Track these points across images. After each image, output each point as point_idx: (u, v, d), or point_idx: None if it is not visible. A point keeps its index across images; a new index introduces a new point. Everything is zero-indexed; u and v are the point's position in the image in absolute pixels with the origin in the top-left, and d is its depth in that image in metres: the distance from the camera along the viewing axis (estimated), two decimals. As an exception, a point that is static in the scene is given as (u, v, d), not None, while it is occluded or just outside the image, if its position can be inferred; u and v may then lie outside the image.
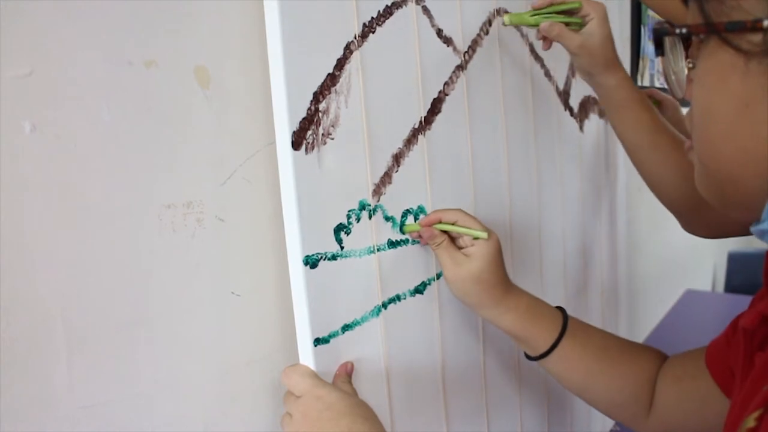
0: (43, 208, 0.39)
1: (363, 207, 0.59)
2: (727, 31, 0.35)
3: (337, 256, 0.56)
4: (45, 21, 0.39)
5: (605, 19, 0.74)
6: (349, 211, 0.57)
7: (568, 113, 0.99)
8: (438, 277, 0.69)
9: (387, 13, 0.60)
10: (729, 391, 0.53)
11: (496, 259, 0.61)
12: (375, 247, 0.61)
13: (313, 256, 0.53)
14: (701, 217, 0.78)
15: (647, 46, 1.54)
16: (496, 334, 0.65)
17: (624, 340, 0.67)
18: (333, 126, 0.55)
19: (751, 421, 0.36)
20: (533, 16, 0.74)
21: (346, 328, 0.57)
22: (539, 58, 0.89)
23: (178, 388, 0.48)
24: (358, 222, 0.58)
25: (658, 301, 1.82)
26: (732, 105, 0.36)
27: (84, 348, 0.42)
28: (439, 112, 0.68)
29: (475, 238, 0.61)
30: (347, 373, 0.57)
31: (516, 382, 0.85)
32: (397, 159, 0.63)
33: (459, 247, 0.63)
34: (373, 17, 0.59)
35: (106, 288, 0.43)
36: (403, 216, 0.64)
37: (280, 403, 0.55)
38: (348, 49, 0.56)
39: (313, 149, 0.53)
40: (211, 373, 0.51)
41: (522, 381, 0.86)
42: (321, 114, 0.54)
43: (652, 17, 1.54)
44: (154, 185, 0.46)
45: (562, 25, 0.73)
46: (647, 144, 0.78)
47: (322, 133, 0.54)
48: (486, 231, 0.60)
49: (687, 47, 0.40)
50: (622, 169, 1.23)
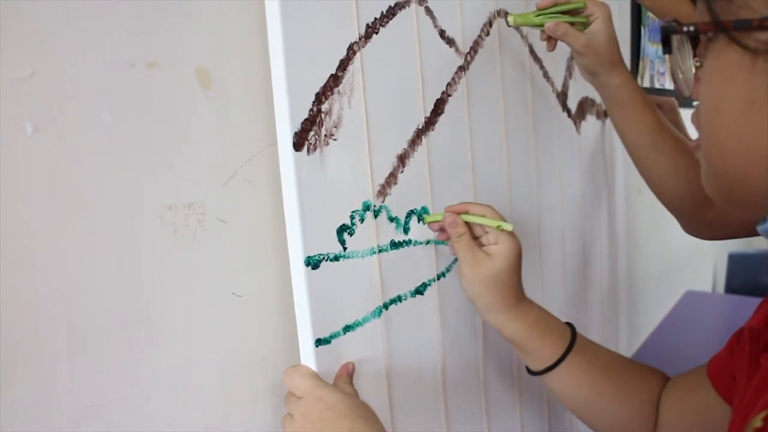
0: (45, 209, 0.39)
1: (367, 208, 0.59)
2: (734, 30, 0.35)
3: (340, 257, 0.56)
4: (47, 23, 0.39)
5: (609, 18, 0.74)
6: (352, 212, 0.57)
7: (565, 114, 1.00)
8: (438, 278, 0.69)
9: (390, 14, 0.60)
10: (732, 401, 0.53)
11: (516, 263, 0.61)
12: (377, 248, 0.60)
13: (314, 257, 0.53)
14: (702, 219, 0.78)
15: (647, 48, 1.54)
16: (496, 335, 0.64)
17: (629, 360, 0.66)
18: (336, 127, 0.55)
19: (758, 422, 0.36)
20: (538, 16, 0.74)
21: (348, 328, 0.57)
22: (538, 59, 0.89)
23: (179, 389, 0.48)
24: (362, 223, 0.58)
25: (658, 302, 1.82)
26: (738, 103, 0.37)
27: (85, 348, 0.42)
28: (442, 112, 0.68)
29: (500, 229, 0.59)
30: (348, 373, 0.56)
31: (516, 383, 0.85)
32: (402, 159, 0.63)
33: (483, 247, 0.62)
34: (376, 18, 0.59)
35: (107, 288, 0.43)
36: (407, 217, 0.64)
37: (281, 404, 0.54)
38: (351, 50, 0.56)
39: (315, 150, 0.53)
40: (212, 373, 0.51)
41: (522, 382, 0.86)
42: (323, 115, 0.54)
43: (652, 18, 1.54)
44: (155, 186, 0.46)
45: (567, 24, 0.73)
46: (649, 144, 0.78)
47: (325, 134, 0.54)
48: (512, 224, 0.60)
49: (695, 46, 0.40)
50: (621, 170, 1.23)
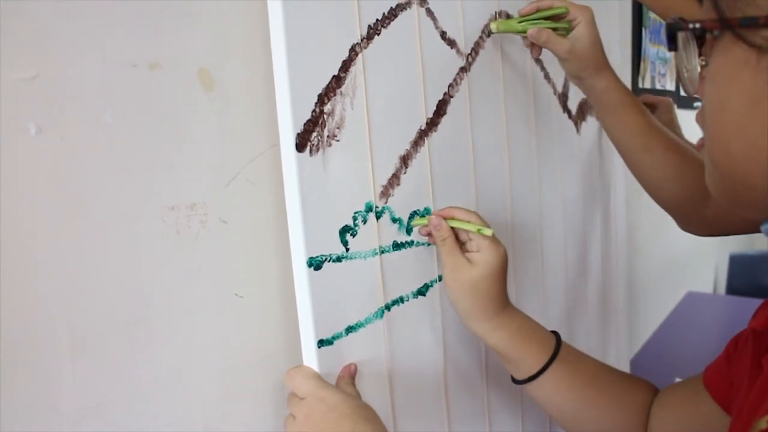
0: (47, 209, 0.40)
1: (369, 209, 0.59)
2: (741, 27, 0.35)
3: (342, 258, 0.56)
4: (50, 24, 0.39)
5: (592, 22, 0.73)
6: (355, 213, 0.57)
7: (566, 115, 1.00)
8: (441, 279, 0.69)
9: (391, 15, 0.60)
10: (731, 408, 0.53)
11: (498, 272, 0.59)
12: (380, 249, 0.60)
13: (317, 258, 0.53)
14: (698, 216, 0.78)
15: (648, 49, 1.54)
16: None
17: (616, 370, 0.65)
18: (338, 128, 0.55)
19: (763, 423, 0.36)
20: (520, 22, 0.74)
21: (350, 329, 0.57)
22: (539, 60, 0.89)
23: (180, 389, 0.48)
24: (364, 224, 0.58)
25: (659, 303, 1.82)
26: (743, 101, 0.36)
27: (86, 349, 0.42)
28: (445, 113, 0.68)
29: (479, 233, 0.59)
30: (350, 374, 0.56)
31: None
32: (405, 160, 0.63)
33: (466, 252, 0.61)
34: (377, 19, 0.59)
35: (109, 289, 0.43)
36: (410, 217, 0.64)
37: (283, 405, 0.54)
38: (353, 51, 0.56)
39: (317, 151, 0.53)
40: (213, 374, 0.51)
41: (524, 383, 0.86)
42: (326, 116, 0.54)
43: (653, 20, 1.54)
44: (157, 187, 0.46)
45: (550, 30, 0.73)
46: (639, 146, 0.77)
47: (327, 135, 0.54)
48: (492, 230, 0.59)
49: (700, 44, 0.39)
50: (621, 170, 1.23)
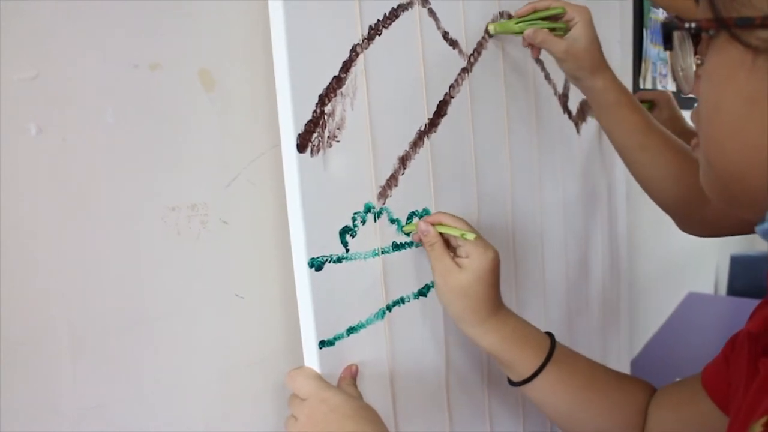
0: (48, 210, 0.39)
1: (368, 209, 0.59)
2: (736, 27, 0.35)
3: (342, 259, 0.56)
4: (51, 24, 0.39)
5: (590, 22, 0.73)
6: (354, 213, 0.57)
7: (566, 116, 0.99)
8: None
9: (393, 16, 0.60)
10: (729, 410, 0.52)
11: (489, 276, 0.59)
12: (380, 250, 0.60)
13: (318, 258, 0.53)
14: (696, 217, 0.78)
15: (649, 49, 1.54)
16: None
17: (612, 371, 0.64)
18: (339, 128, 0.55)
19: (758, 427, 0.36)
20: (518, 23, 0.74)
21: (351, 330, 0.57)
22: (540, 60, 0.89)
23: (181, 390, 0.48)
24: (364, 224, 0.58)
25: (660, 304, 1.82)
26: (738, 102, 0.36)
27: (87, 349, 0.42)
28: (445, 114, 0.68)
29: (463, 237, 0.58)
30: (352, 375, 0.56)
31: (519, 385, 0.85)
32: (403, 161, 0.63)
33: (457, 257, 0.60)
34: (379, 19, 0.59)
35: (109, 289, 0.43)
36: (408, 219, 0.64)
37: (284, 405, 0.54)
38: (354, 52, 0.56)
39: (318, 152, 0.53)
40: (213, 374, 0.51)
41: (525, 384, 0.85)
42: (326, 116, 0.54)
43: (654, 20, 1.54)
44: (158, 187, 0.46)
45: (546, 30, 0.73)
46: (637, 145, 0.77)
47: (328, 136, 0.54)
48: (475, 233, 0.59)
49: (696, 43, 0.39)
50: (622, 171, 1.23)
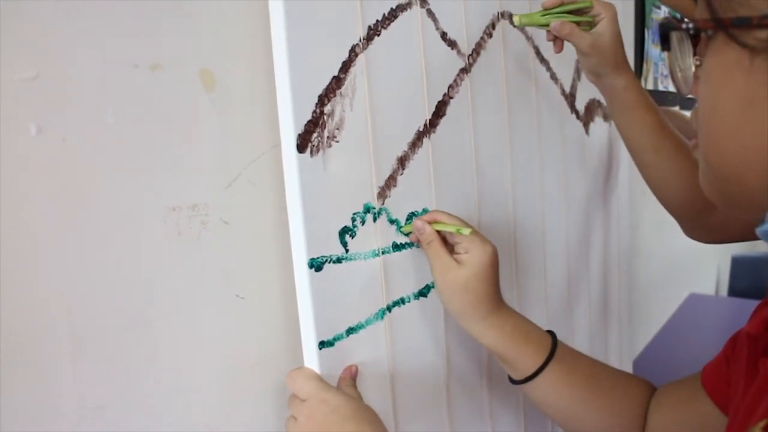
0: (48, 210, 0.39)
1: (368, 210, 0.59)
2: (734, 27, 0.35)
3: (342, 259, 0.56)
4: (51, 24, 0.39)
5: (615, 19, 0.73)
6: (354, 213, 0.57)
7: (574, 116, 0.99)
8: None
9: (392, 16, 0.60)
10: (728, 410, 0.52)
11: (489, 272, 0.59)
12: (380, 250, 0.60)
13: (318, 259, 0.53)
14: (703, 223, 0.78)
15: (651, 50, 1.54)
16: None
17: (614, 369, 0.64)
18: (338, 129, 0.55)
19: (757, 430, 0.36)
20: (543, 15, 0.74)
21: (351, 331, 0.57)
22: (545, 60, 0.89)
23: (182, 390, 0.48)
24: (363, 225, 0.58)
25: (662, 304, 1.82)
26: (736, 102, 0.36)
27: (87, 349, 0.42)
28: (444, 115, 0.68)
29: (458, 232, 0.58)
30: (352, 376, 0.56)
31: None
32: (402, 162, 0.63)
33: (455, 254, 0.60)
34: (378, 20, 0.59)
35: (110, 290, 0.43)
36: (407, 219, 0.64)
37: (284, 406, 0.54)
38: (353, 52, 0.56)
39: (318, 152, 0.53)
40: (214, 375, 0.51)
41: (526, 384, 0.85)
42: (326, 117, 0.54)
43: (655, 20, 1.54)
44: (158, 188, 0.46)
45: (573, 24, 0.72)
46: (652, 147, 0.77)
47: (327, 136, 0.54)
48: (470, 228, 0.58)
49: (695, 44, 0.39)
50: (625, 172, 1.23)
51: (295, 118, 0.51)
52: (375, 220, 0.60)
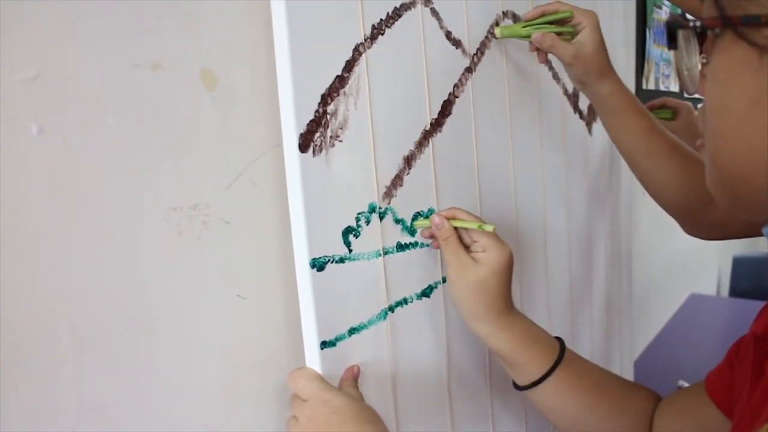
0: (49, 210, 0.39)
1: (372, 209, 0.59)
2: (742, 25, 0.35)
3: (345, 259, 0.56)
4: (52, 24, 0.39)
5: (597, 26, 0.73)
6: (358, 213, 0.57)
7: (577, 116, 0.99)
8: (445, 280, 0.68)
9: (396, 15, 0.60)
10: (733, 413, 0.52)
11: (504, 272, 0.59)
12: (383, 251, 0.60)
13: (320, 259, 0.53)
14: (701, 220, 0.78)
15: (652, 49, 1.53)
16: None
17: (619, 377, 0.64)
18: (341, 128, 0.55)
19: (763, 431, 0.35)
20: (525, 27, 0.74)
21: (353, 331, 0.57)
22: (547, 60, 0.89)
23: (183, 390, 0.48)
24: (368, 224, 0.58)
25: (663, 305, 1.82)
26: (744, 101, 0.36)
27: (88, 350, 0.42)
28: (450, 114, 0.68)
29: (480, 228, 0.58)
30: (353, 376, 0.56)
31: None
32: (408, 161, 0.62)
33: (471, 253, 0.60)
34: (381, 19, 0.58)
35: (111, 290, 0.43)
36: (413, 218, 0.63)
37: (285, 406, 0.54)
38: (357, 51, 0.56)
39: (321, 151, 0.53)
40: (215, 375, 0.50)
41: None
42: (329, 116, 0.53)
43: (657, 20, 1.54)
44: (159, 188, 0.46)
45: (554, 35, 0.72)
46: (642, 150, 0.77)
47: (331, 135, 0.54)
48: (493, 226, 0.58)
49: (701, 42, 0.39)
50: (626, 172, 1.22)
51: (297, 118, 0.51)
52: (381, 219, 0.59)
